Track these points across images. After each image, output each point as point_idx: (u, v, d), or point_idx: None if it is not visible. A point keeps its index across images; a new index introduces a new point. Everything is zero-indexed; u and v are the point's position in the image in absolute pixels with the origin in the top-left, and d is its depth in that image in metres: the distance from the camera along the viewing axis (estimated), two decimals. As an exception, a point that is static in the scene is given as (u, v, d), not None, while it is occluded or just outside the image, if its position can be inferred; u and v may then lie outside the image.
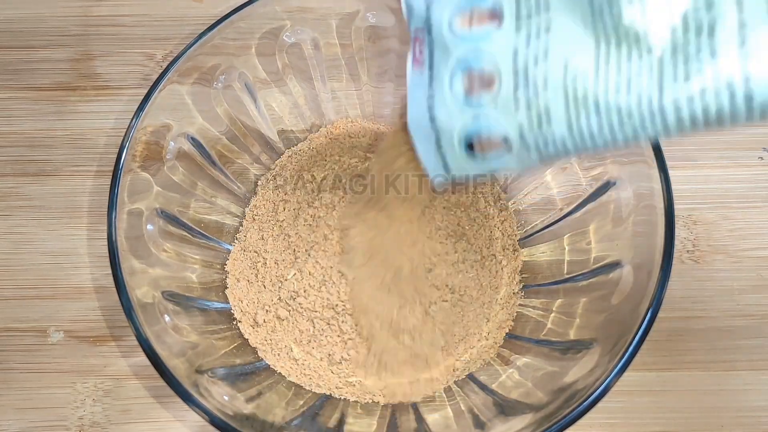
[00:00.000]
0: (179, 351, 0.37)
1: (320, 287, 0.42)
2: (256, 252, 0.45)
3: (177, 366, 0.36)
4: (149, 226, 0.41)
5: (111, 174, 0.38)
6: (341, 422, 0.39)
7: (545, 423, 0.34)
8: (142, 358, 0.36)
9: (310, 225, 0.43)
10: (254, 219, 0.46)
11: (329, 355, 0.42)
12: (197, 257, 0.44)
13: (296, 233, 0.44)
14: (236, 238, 0.46)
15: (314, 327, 0.42)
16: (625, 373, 0.34)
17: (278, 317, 0.43)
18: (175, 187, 0.44)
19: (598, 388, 0.33)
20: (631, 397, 0.42)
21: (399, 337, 0.40)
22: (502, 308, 0.44)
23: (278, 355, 0.42)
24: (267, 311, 0.43)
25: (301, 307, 0.42)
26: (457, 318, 0.42)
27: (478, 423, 0.38)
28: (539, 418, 0.35)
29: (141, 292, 0.37)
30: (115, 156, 0.39)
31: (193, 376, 0.36)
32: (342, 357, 0.41)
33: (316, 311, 0.42)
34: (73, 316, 0.45)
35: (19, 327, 0.45)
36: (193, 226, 0.44)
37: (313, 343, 0.42)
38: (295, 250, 0.43)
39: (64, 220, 0.48)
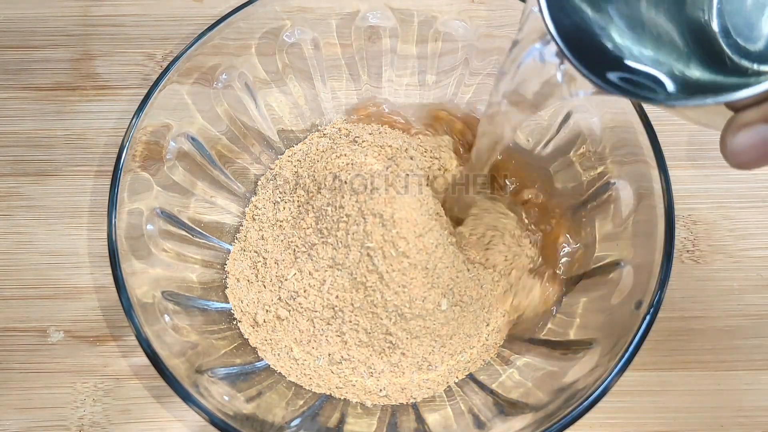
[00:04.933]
0: (179, 351, 0.37)
1: (320, 287, 0.41)
2: (256, 252, 0.45)
3: (177, 366, 0.36)
4: (149, 226, 0.41)
5: (111, 174, 0.38)
6: (341, 422, 0.40)
7: (545, 423, 0.34)
8: (142, 358, 0.36)
9: (309, 225, 0.43)
10: (254, 219, 0.46)
11: (329, 354, 0.42)
12: (197, 257, 0.44)
13: (296, 233, 0.44)
14: (236, 238, 0.46)
15: (314, 327, 0.42)
16: (625, 373, 0.34)
17: (278, 317, 0.43)
18: (175, 187, 0.44)
19: (598, 388, 0.33)
20: (631, 397, 0.42)
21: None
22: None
23: (278, 355, 0.42)
24: (267, 311, 0.43)
25: (301, 307, 0.42)
26: (457, 319, 0.42)
27: (478, 423, 0.38)
28: (539, 418, 0.35)
29: (141, 292, 0.37)
30: (115, 156, 0.39)
31: (193, 376, 0.36)
32: (342, 357, 0.41)
33: (316, 311, 0.42)
34: (73, 316, 0.45)
35: (19, 327, 0.45)
36: (193, 226, 0.44)
37: (313, 343, 0.42)
38: (294, 250, 0.43)
39: (64, 220, 0.48)
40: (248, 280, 0.44)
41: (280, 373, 0.42)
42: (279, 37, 0.46)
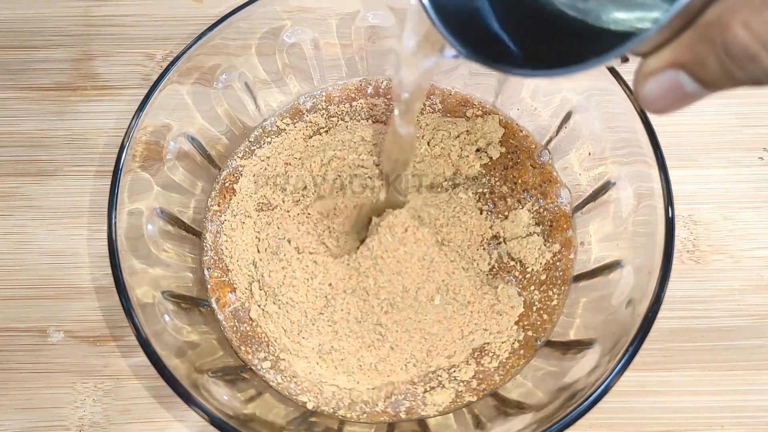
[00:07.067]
0: (179, 351, 0.37)
1: (311, 280, 0.41)
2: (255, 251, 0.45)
3: (177, 366, 0.36)
4: (149, 226, 0.41)
5: (111, 174, 0.38)
6: (342, 423, 0.39)
7: (545, 423, 0.34)
8: (142, 358, 0.36)
9: (303, 221, 0.43)
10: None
11: (319, 345, 0.41)
12: (197, 257, 0.44)
13: (290, 231, 0.44)
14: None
15: (306, 317, 0.41)
16: (625, 373, 0.34)
17: (267, 312, 0.42)
18: (175, 187, 0.44)
19: (598, 388, 0.33)
20: (631, 397, 0.42)
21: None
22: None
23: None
24: (261, 307, 0.43)
25: (293, 301, 0.41)
26: (449, 318, 0.41)
27: (478, 423, 0.38)
28: (539, 418, 0.35)
29: (141, 292, 0.37)
30: (115, 156, 0.39)
31: (193, 376, 0.36)
32: (332, 347, 0.41)
33: (308, 302, 0.41)
34: (73, 316, 0.45)
35: (19, 327, 0.45)
36: (194, 226, 0.45)
37: (304, 333, 0.41)
38: (289, 241, 0.43)
39: (64, 220, 0.48)
40: (250, 275, 0.44)
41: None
42: (279, 37, 0.46)
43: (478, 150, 0.46)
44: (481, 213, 0.44)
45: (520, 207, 0.45)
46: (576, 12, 0.23)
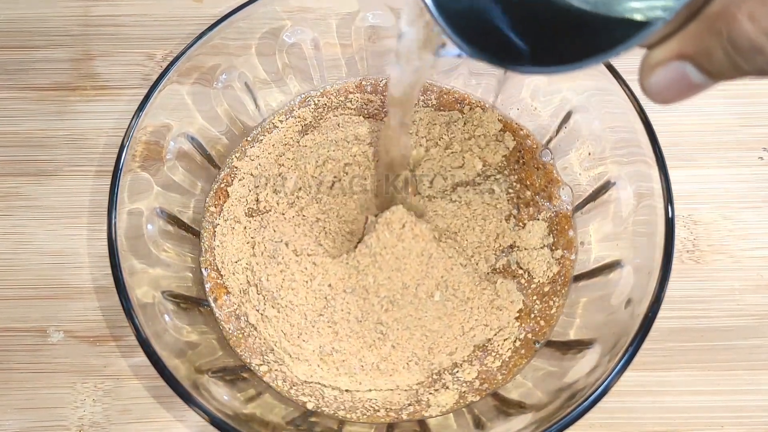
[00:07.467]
0: (179, 351, 0.37)
1: (310, 281, 0.41)
2: (252, 251, 0.45)
3: (177, 366, 0.36)
4: (149, 226, 0.41)
5: (111, 174, 0.38)
6: (342, 422, 0.39)
7: (545, 423, 0.34)
8: (142, 358, 0.36)
9: (299, 223, 0.43)
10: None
11: (320, 346, 0.41)
12: (197, 257, 0.44)
13: (286, 234, 0.43)
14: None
15: (306, 319, 0.41)
16: (625, 373, 0.34)
17: (266, 316, 0.42)
18: (175, 187, 0.44)
19: (598, 388, 0.33)
20: (631, 397, 0.42)
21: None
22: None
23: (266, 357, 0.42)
24: (257, 310, 0.43)
25: (292, 304, 0.41)
26: (449, 315, 0.41)
27: (478, 423, 0.38)
28: (539, 418, 0.35)
29: (141, 292, 0.37)
30: (115, 156, 0.39)
31: (193, 376, 0.36)
32: (333, 348, 0.41)
33: (307, 304, 0.41)
34: (73, 316, 0.45)
35: (19, 327, 0.45)
36: (193, 226, 0.45)
37: (304, 335, 0.41)
38: (287, 244, 0.43)
39: (64, 220, 0.47)
40: (246, 280, 0.44)
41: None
42: (279, 37, 0.46)
43: (496, 140, 0.46)
44: (507, 220, 0.44)
45: (538, 216, 0.45)
46: (586, 4, 0.23)
